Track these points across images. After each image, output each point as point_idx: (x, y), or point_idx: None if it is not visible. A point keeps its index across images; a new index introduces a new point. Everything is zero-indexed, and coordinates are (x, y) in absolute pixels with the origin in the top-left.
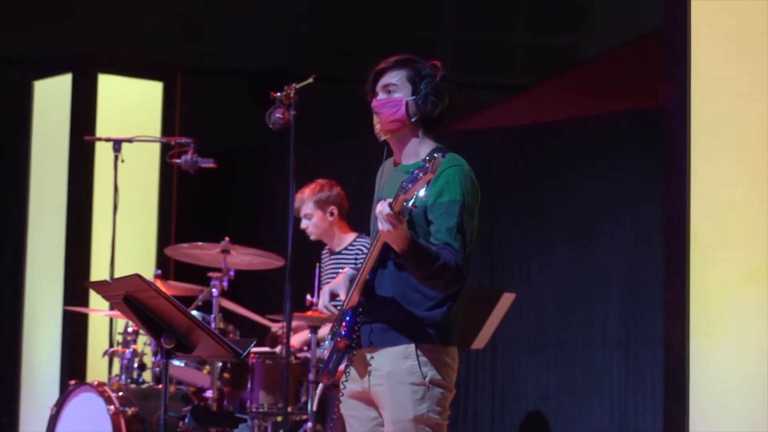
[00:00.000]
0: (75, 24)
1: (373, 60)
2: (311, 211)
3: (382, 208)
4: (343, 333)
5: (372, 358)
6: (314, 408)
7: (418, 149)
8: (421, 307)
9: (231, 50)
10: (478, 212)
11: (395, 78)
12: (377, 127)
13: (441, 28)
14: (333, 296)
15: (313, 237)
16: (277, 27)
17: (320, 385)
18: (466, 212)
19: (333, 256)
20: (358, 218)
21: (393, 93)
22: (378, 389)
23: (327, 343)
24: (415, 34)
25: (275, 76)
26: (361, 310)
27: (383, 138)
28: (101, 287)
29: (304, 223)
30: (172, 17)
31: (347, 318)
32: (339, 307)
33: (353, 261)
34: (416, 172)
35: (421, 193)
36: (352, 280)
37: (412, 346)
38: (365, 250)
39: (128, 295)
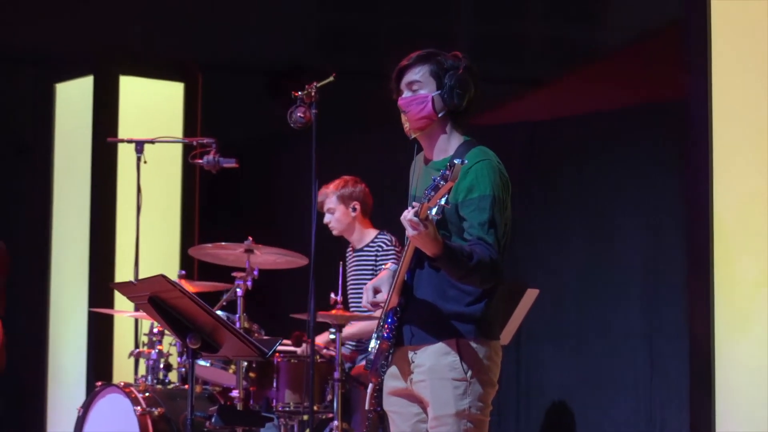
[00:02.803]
0: (96, 26)
1: (390, 52)
2: (334, 205)
3: (406, 215)
4: (386, 335)
5: (414, 355)
6: (371, 407)
7: (448, 144)
8: (460, 303)
9: (250, 49)
10: (510, 204)
11: (418, 74)
12: (406, 125)
13: (456, 20)
14: (376, 292)
15: (335, 232)
16: (293, 22)
17: (370, 385)
18: (498, 206)
19: (355, 254)
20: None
21: (418, 90)
22: (420, 385)
23: (372, 344)
24: (430, 26)
25: (294, 73)
26: (400, 310)
27: (413, 136)
28: (126, 288)
29: (327, 218)
30: (191, 17)
31: (389, 320)
32: (380, 303)
33: (374, 258)
34: (437, 179)
35: (443, 201)
36: (395, 275)
37: (453, 342)
38: (385, 247)
39: (153, 296)
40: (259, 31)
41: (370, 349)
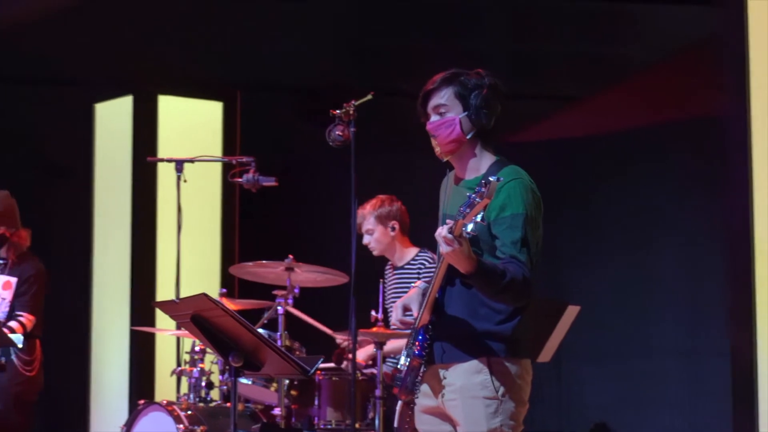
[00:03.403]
0: (134, 46)
1: (426, 72)
2: (372, 226)
3: (441, 231)
4: (416, 352)
5: (445, 373)
6: (400, 425)
7: (479, 164)
8: (490, 321)
9: (287, 67)
10: (541, 223)
11: (444, 98)
12: (437, 149)
13: (489, 39)
14: (405, 310)
15: (375, 252)
16: (330, 41)
17: (399, 403)
18: (530, 224)
19: (396, 272)
20: (419, 232)
21: (445, 113)
22: (452, 404)
23: (402, 361)
24: (463, 46)
25: (331, 92)
26: (431, 328)
27: (445, 159)
28: (169, 307)
29: (366, 239)
30: (228, 37)
31: (419, 337)
32: (410, 320)
33: (416, 276)
34: (473, 196)
35: (478, 218)
36: (424, 293)
37: (484, 361)
38: (428, 265)
39: (196, 315)
40: (296, 50)
41: (399, 367)
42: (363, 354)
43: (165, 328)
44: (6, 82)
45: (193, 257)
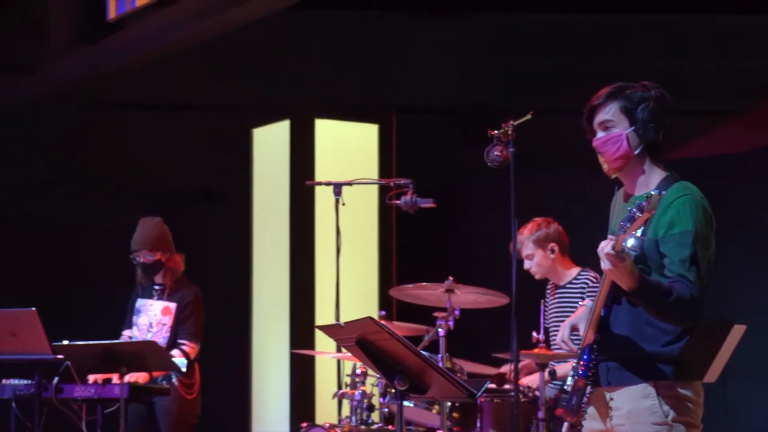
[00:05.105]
0: (290, 71)
1: (581, 91)
2: (531, 251)
3: (603, 247)
4: (581, 372)
5: (612, 396)
6: None
7: (648, 180)
8: (657, 342)
9: (440, 88)
10: (713, 241)
11: (609, 113)
12: (604, 166)
13: (633, 57)
14: (573, 330)
15: (537, 276)
16: (480, 62)
17: (565, 424)
18: (700, 242)
19: (557, 291)
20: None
21: (611, 129)
22: (620, 429)
23: (568, 381)
24: (613, 65)
25: (485, 113)
26: (596, 347)
27: (613, 176)
28: (333, 330)
29: (526, 264)
30: (382, 59)
31: (584, 357)
32: (577, 342)
33: (579, 295)
34: (633, 211)
35: (639, 233)
36: (591, 311)
37: (651, 384)
38: (590, 284)
39: (361, 338)
40: (450, 71)
41: (566, 387)
42: (527, 379)
43: (325, 350)
44: (164, 109)
45: (351, 280)
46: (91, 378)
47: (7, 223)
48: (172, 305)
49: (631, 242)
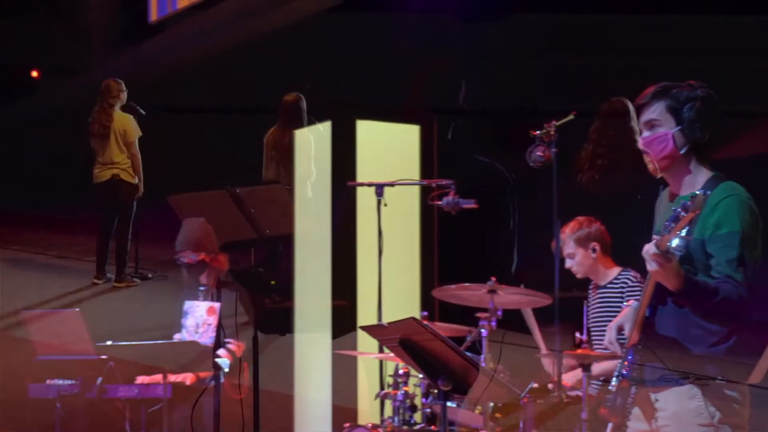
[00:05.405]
0: (332, 72)
1: (625, 91)
2: (573, 250)
3: (648, 248)
4: (625, 373)
5: (657, 397)
6: None
7: (694, 180)
8: (703, 343)
9: (481, 89)
10: (760, 241)
11: (655, 112)
12: (650, 166)
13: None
14: (619, 330)
15: (578, 275)
16: (523, 63)
17: (609, 425)
18: (747, 243)
19: (598, 291)
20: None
21: (657, 128)
22: (666, 430)
23: (614, 381)
24: (655, 65)
25: (527, 114)
26: (641, 348)
27: (659, 176)
28: (377, 331)
29: (568, 263)
30: (424, 60)
31: (629, 357)
32: (622, 343)
33: (619, 295)
34: (678, 210)
35: (683, 233)
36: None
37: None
38: (630, 284)
39: (404, 339)
40: (490, 71)
41: (611, 388)
42: (570, 377)
43: (367, 351)
44: (207, 111)
45: (392, 280)
46: (138, 379)
47: None
48: (217, 305)
49: (675, 242)
